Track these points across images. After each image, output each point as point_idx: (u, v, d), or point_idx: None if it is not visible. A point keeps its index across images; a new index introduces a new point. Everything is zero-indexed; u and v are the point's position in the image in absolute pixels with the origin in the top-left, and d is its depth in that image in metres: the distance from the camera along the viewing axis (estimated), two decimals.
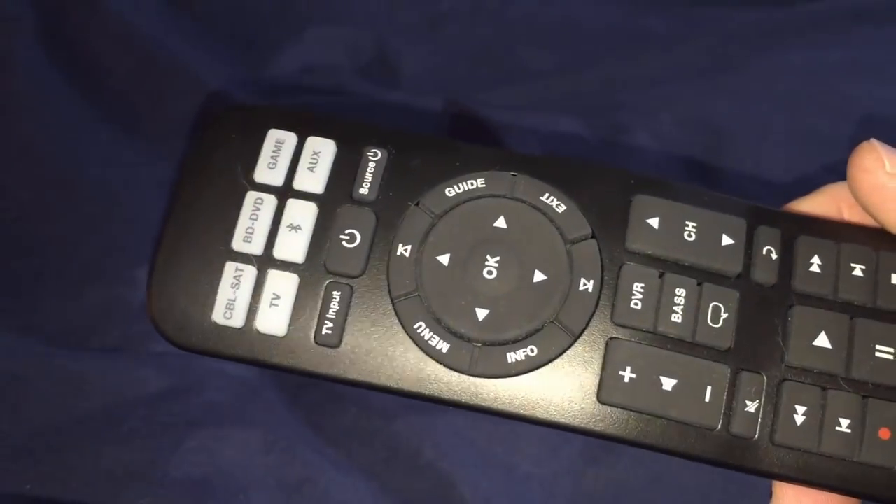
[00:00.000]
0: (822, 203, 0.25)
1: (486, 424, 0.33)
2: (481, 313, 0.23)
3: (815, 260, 0.23)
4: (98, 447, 0.31)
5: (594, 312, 0.23)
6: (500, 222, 0.24)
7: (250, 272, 0.23)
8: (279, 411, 0.33)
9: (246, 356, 0.23)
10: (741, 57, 0.40)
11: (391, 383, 0.23)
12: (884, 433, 0.22)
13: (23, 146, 0.36)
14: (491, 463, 0.32)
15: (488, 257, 0.23)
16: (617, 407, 0.22)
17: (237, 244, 0.23)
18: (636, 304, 0.23)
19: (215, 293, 0.23)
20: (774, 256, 0.23)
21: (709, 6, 0.41)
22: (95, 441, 0.32)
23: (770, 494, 0.24)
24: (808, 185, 0.37)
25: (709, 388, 0.22)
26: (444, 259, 0.23)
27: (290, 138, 0.24)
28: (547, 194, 0.24)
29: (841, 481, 0.22)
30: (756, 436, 0.22)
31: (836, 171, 0.36)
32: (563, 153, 0.38)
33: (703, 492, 0.32)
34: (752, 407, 0.22)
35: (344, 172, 0.24)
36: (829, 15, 0.40)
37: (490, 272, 0.23)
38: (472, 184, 0.24)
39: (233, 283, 0.23)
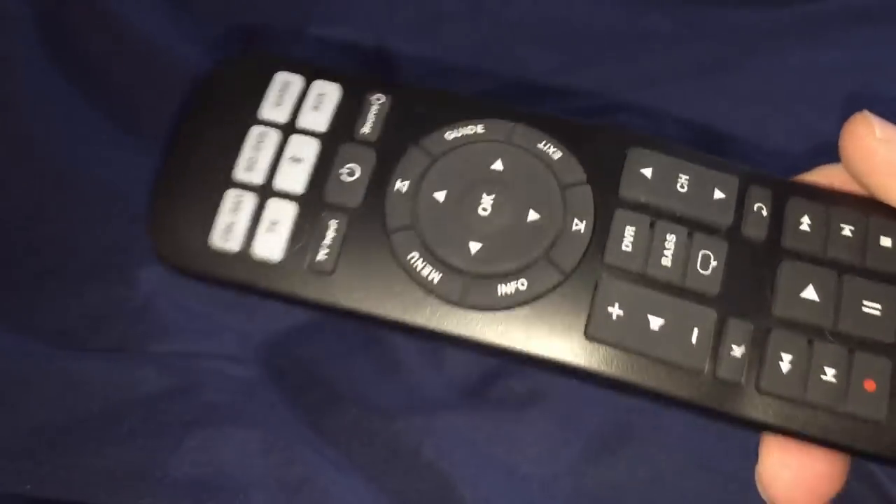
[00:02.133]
0: (817, 181, 0.26)
1: (486, 424, 0.33)
2: (474, 247, 0.23)
3: (805, 219, 0.23)
4: (98, 447, 0.31)
5: (586, 252, 0.23)
6: (497, 164, 0.24)
7: (250, 199, 0.23)
8: (279, 411, 0.33)
9: (241, 279, 0.23)
10: (741, 57, 0.40)
11: (382, 311, 0.23)
12: (869, 385, 0.22)
13: (23, 146, 0.36)
14: (491, 463, 0.32)
15: (484, 195, 0.24)
16: (604, 343, 0.22)
17: (239, 173, 0.24)
18: (627, 246, 0.23)
19: (214, 218, 0.23)
20: (765, 213, 0.23)
21: (709, 6, 0.41)
22: (95, 441, 0.32)
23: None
24: None
25: (696, 331, 0.22)
26: (441, 195, 0.24)
27: (297, 80, 0.25)
28: (544, 141, 0.24)
29: (826, 432, 0.22)
30: (742, 381, 0.22)
31: None
32: None
33: (702, 492, 0.32)
34: (738, 352, 0.22)
35: (347, 114, 0.24)
36: (829, 15, 0.40)
37: (485, 209, 0.23)
38: (471, 129, 0.24)
39: (232, 209, 0.23)
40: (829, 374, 0.22)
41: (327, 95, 0.25)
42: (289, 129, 0.24)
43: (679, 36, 0.41)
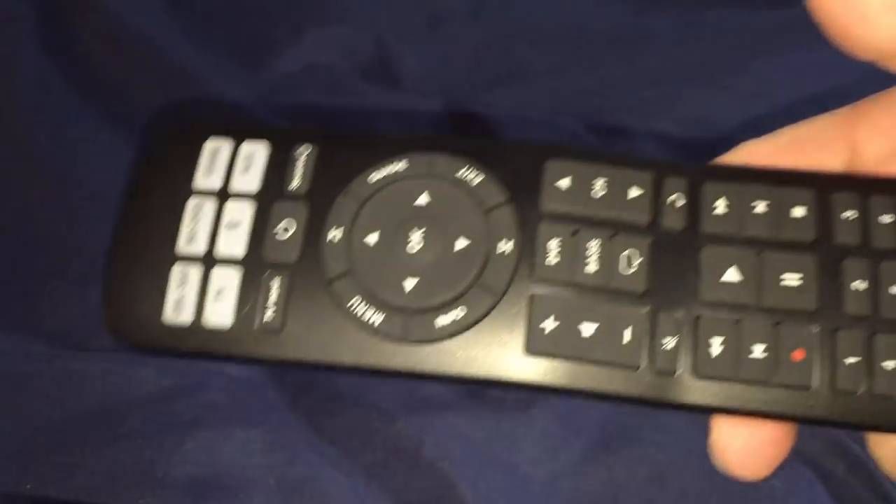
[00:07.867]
0: (735, 160, 0.26)
1: (486, 424, 0.33)
2: (409, 283, 0.24)
3: (721, 202, 0.24)
4: (98, 447, 0.31)
5: (515, 272, 0.24)
6: (422, 199, 0.25)
7: (196, 270, 0.24)
8: (279, 411, 0.33)
9: (197, 350, 0.24)
10: (741, 57, 0.40)
11: (333, 359, 0.24)
12: (797, 354, 0.23)
13: (22, 146, 0.36)
14: (491, 463, 0.32)
15: (413, 231, 0.24)
16: (543, 357, 0.23)
17: (182, 246, 0.24)
18: (554, 258, 0.24)
19: (164, 294, 0.24)
20: (681, 203, 0.24)
21: (708, 6, 0.41)
22: (95, 441, 0.32)
23: None
24: None
25: (628, 330, 0.23)
26: (372, 238, 0.24)
27: (226, 144, 0.26)
28: (464, 169, 0.25)
29: (765, 405, 0.23)
30: (679, 370, 0.23)
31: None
32: None
33: (703, 492, 0.32)
34: (671, 343, 0.23)
35: (277, 170, 0.25)
36: None
37: (415, 245, 0.24)
38: (393, 168, 0.25)
39: (180, 283, 0.24)
40: (759, 350, 0.23)
41: (255, 155, 0.25)
42: (223, 195, 0.25)
43: (679, 36, 0.41)
